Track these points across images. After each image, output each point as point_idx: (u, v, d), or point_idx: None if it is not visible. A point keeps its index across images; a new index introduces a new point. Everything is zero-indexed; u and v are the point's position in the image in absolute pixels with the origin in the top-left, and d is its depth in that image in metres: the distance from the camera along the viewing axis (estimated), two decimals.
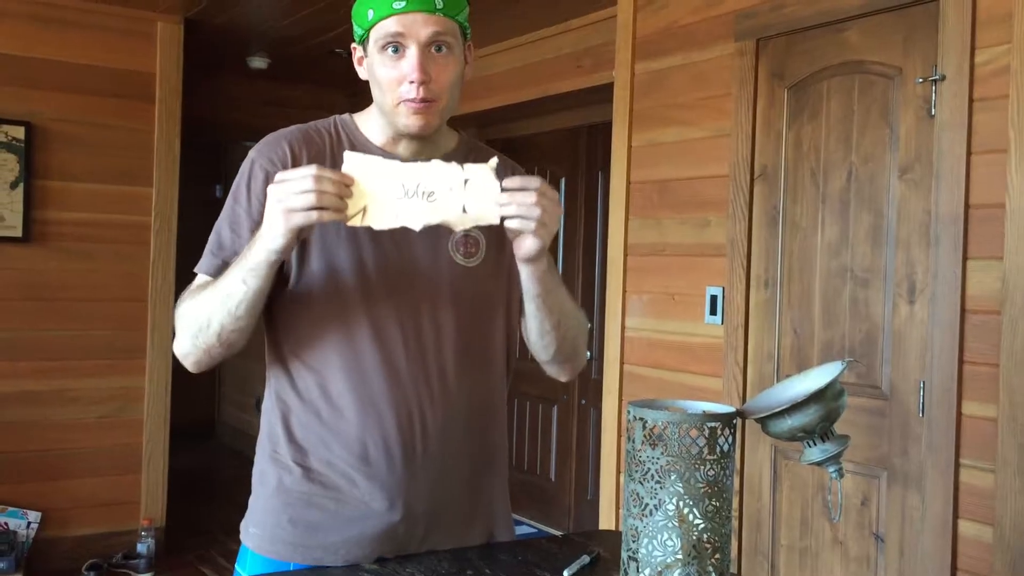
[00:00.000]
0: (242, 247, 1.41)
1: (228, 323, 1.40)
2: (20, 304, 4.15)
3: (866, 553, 2.80)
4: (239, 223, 1.47)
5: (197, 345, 1.44)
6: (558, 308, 1.51)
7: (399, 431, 1.47)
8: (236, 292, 1.37)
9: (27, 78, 4.15)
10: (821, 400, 1.28)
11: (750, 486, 3.14)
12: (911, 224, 2.71)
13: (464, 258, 1.53)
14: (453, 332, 1.50)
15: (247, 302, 1.38)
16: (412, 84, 1.41)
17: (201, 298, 1.42)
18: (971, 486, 2.53)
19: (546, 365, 1.64)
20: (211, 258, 1.48)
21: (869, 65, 2.83)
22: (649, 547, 1.25)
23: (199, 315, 1.42)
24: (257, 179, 1.47)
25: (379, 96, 1.47)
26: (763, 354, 3.12)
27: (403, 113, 1.44)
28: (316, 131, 1.53)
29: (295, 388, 1.49)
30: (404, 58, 1.42)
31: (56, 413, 4.23)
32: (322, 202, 1.27)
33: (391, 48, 1.42)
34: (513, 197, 1.33)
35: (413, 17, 1.40)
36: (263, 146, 1.51)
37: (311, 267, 1.46)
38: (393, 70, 1.42)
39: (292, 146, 1.49)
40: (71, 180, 4.25)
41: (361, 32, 1.46)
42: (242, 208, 1.47)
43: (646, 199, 3.60)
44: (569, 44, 4.28)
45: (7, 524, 4.05)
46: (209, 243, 1.49)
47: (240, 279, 1.36)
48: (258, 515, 1.52)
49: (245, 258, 1.36)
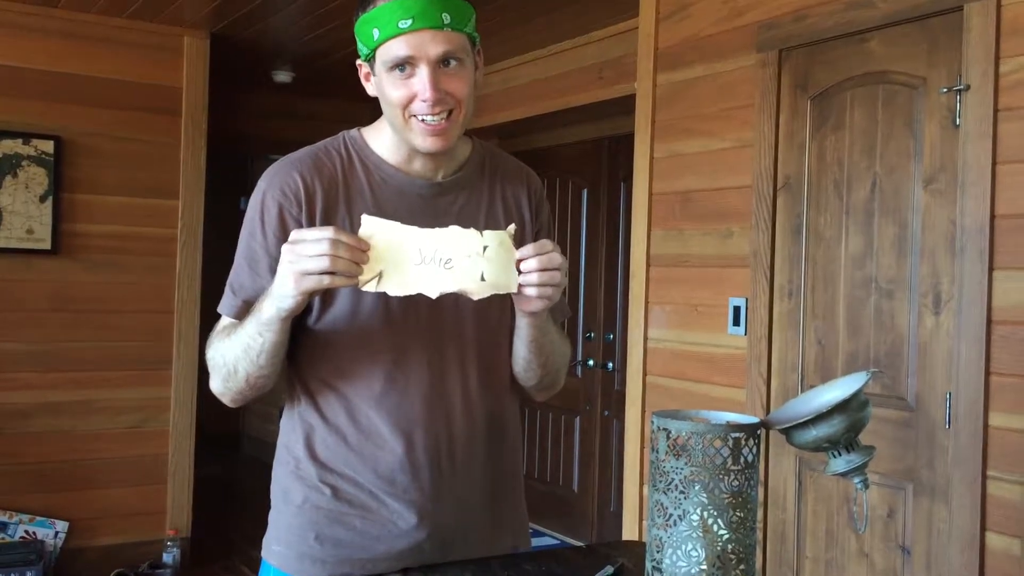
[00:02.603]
0: (261, 285, 1.41)
1: (253, 371, 1.41)
2: (49, 315, 4.20)
3: (892, 566, 2.77)
4: (256, 261, 1.45)
5: (229, 388, 1.46)
6: (548, 348, 1.52)
7: (426, 452, 1.47)
8: (254, 345, 1.38)
9: (56, 93, 4.21)
10: (846, 411, 1.28)
11: (775, 498, 3.12)
12: (936, 234, 2.69)
13: None
14: (475, 351, 1.50)
15: (266, 353, 1.38)
16: (425, 103, 1.38)
17: (226, 345, 1.43)
18: (998, 498, 2.50)
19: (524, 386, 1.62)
20: (232, 298, 1.46)
21: (892, 75, 2.82)
22: (673, 557, 1.25)
23: (226, 362, 1.43)
24: (270, 212, 1.44)
25: (391, 114, 1.43)
26: (787, 365, 3.11)
27: (418, 133, 1.41)
28: (326, 153, 1.49)
29: (318, 409, 1.49)
30: (415, 76, 1.38)
31: (83, 423, 4.28)
32: (336, 267, 1.25)
33: (399, 68, 1.38)
34: (529, 266, 1.31)
35: (421, 36, 1.35)
36: (273, 176, 1.46)
37: (338, 303, 1.45)
38: (404, 89, 1.39)
39: (304, 176, 1.44)
40: (99, 193, 4.31)
41: (367, 51, 1.42)
42: (258, 244, 1.45)
43: (668, 210, 3.60)
44: (591, 56, 4.30)
45: (35, 534, 4.09)
46: (229, 281, 1.48)
47: (256, 332, 1.37)
48: (282, 532, 1.51)
49: (260, 311, 1.35)
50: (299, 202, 1.43)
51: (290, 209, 1.43)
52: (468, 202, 1.53)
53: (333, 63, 4.99)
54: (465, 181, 1.54)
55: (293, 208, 1.43)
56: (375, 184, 1.48)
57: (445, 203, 1.51)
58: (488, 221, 1.54)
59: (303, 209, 1.43)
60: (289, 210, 1.43)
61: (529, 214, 1.60)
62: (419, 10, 1.34)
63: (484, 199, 1.55)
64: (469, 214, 1.53)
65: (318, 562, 1.47)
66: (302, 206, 1.43)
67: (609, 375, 4.76)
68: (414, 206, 1.48)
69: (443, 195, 1.52)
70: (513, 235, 1.32)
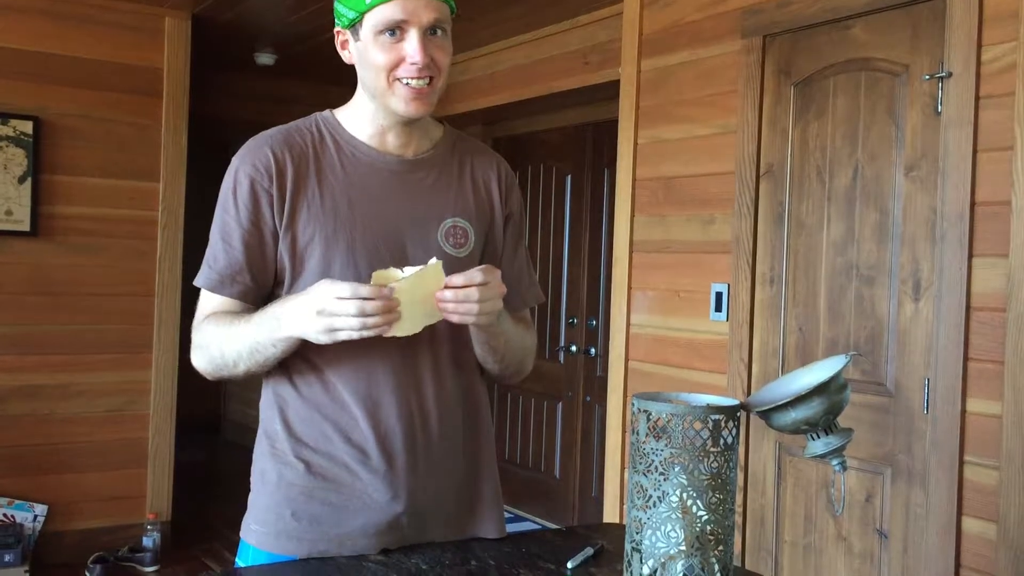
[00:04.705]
0: (236, 258, 1.47)
1: (253, 368, 1.47)
2: (27, 298, 4.16)
3: (870, 550, 2.80)
4: (230, 234, 1.49)
5: (218, 371, 1.50)
6: (503, 347, 1.56)
7: (400, 422, 1.49)
8: (266, 352, 1.43)
9: (35, 73, 4.16)
10: (825, 393, 1.29)
11: (754, 482, 3.14)
12: (917, 221, 2.71)
13: (454, 248, 1.54)
14: (445, 326, 1.49)
15: (274, 359, 1.45)
16: (413, 66, 1.43)
17: (224, 338, 1.46)
18: (975, 483, 2.53)
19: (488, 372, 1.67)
20: (208, 271, 1.50)
21: (875, 62, 2.83)
22: (652, 538, 1.26)
23: (224, 354, 1.46)
24: (242, 187, 1.48)
25: (372, 79, 1.47)
26: (768, 351, 3.13)
27: (401, 96, 1.45)
28: (298, 131, 1.53)
29: (292, 383, 1.51)
30: (404, 41, 1.43)
31: (62, 407, 4.25)
32: (366, 325, 1.32)
33: (389, 32, 1.43)
34: (445, 297, 1.37)
35: (415, 2, 1.41)
36: (245, 152, 1.51)
37: (308, 272, 1.48)
38: (391, 52, 1.43)
39: (275, 151, 1.49)
40: (79, 175, 4.27)
41: (353, 16, 1.45)
42: (231, 218, 1.49)
43: (652, 196, 3.61)
44: (575, 41, 4.28)
45: (13, 517, 4.07)
46: (205, 255, 1.52)
47: (270, 343, 1.42)
48: (260, 512, 1.52)
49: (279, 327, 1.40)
50: (270, 176, 1.47)
51: (261, 183, 1.47)
52: (438, 180, 1.57)
53: (316, 45, 4.96)
54: (436, 160, 1.57)
55: (264, 181, 1.47)
56: (346, 160, 1.52)
57: (415, 179, 1.54)
58: (457, 199, 1.57)
59: (274, 182, 1.47)
60: (261, 183, 1.47)
61: (499, 198, 1.63)
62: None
63: (454, 178, 1.58)
64: (439, 191, 1.56)
65: (294, 539, 1.48)
66: (273, 179, 1.47)
67: (592, 361, 4.76)
68: (385, 181, 1.52)
69: (414, 172, 1.55)
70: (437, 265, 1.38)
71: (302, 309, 1.36)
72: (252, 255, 1.48)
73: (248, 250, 1.48)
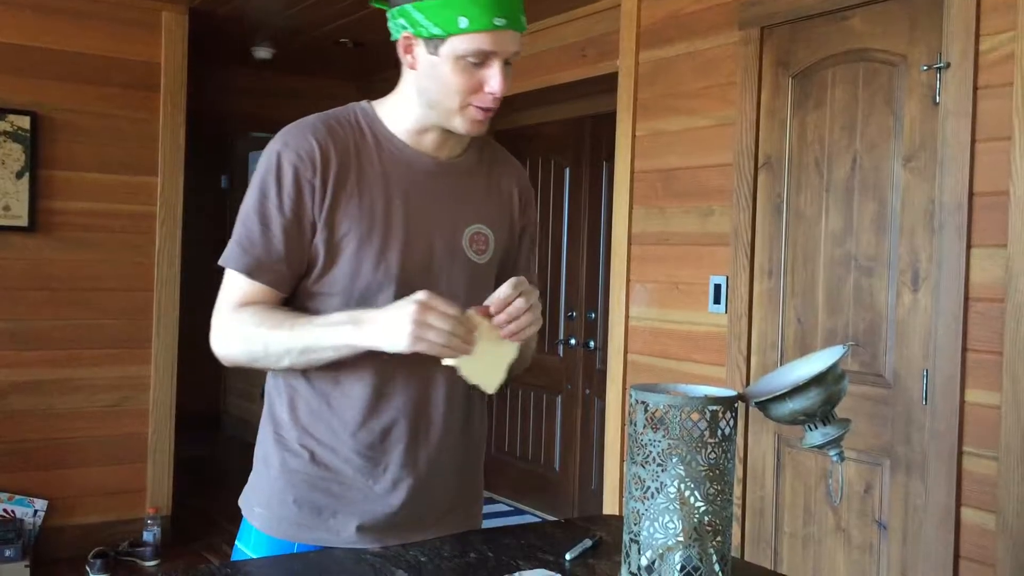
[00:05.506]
0: (275, 246, 1.44)
1: (298, 365, 1.45)
2: (26, 293, 4.16)
3: (869, 541, 2.80)
4: (270, 219, 1.45)
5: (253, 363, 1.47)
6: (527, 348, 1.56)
7: (406, 418, 1.50)
8: (322, 354, 1.42)
9: (32, 68, 4.15)
10: (822, 383, 1.29)
11: (753, 474, 3.15)
12: (915, 212, 2.70)
13: (476, 255, 1.55)
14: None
15: (327, 360, 1.43)
16: (490, 96, 1.44)
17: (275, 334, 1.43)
18: (974, 474, 2.53)
19: None
20: (242, 254, 1.45)
21: (873, 53, 2.82)
22: (651, 529, 1.26)
23: (269, 348, 1.43)
24: (286, 174, 1.45)
25: (438, 94, 1.46)
26: (767, 343, 3.13)
27: (468, 119, 1.47)
28: (338, 122, 1.51)
29: (304, 373, 1.50)
30: (486, 69, 1.44)
31: (62, 402, 4.25)
32: (451, 344, 1.35)
33: (472, 58, 1.42)
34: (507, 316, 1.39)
35: (505, 36, 1.43)
36: (288, 138, 1.47)
37: (338, 268, 1.47)
38: (471, 78, 1.43)
39: (319, 140, 1.46)
40: (77, 170, 4.26)
41: (437, 32, 1.42)
42: (272, 204, 1.45)
43: (650, 188, 3.60)
44: (573, 34, 4.27)
45: (14, 512, 4.07)
46: (237, 236, 1.47)
47: (333, 347, 1.41)
48: (264, 496, 1.53)
49: (356, 333, 1.38)
50: (314, 166, 1.45)
51: (305, 173, 1.45)
52: (467, 185, 1.58)
53: (314, 39, 4.94)
54: (465, 165, 1.59)
55: (308, 171, 1.45)
56: (384, 156, 1.51)
57: (447, 183, 1.55)
58: (482, 207, 1.59)
59: (317, 173, 1.45)
60: (304, 173, 1.45)
61: (517, 211, 1.65)
62: (511, 12, 1.42)
63: (481, 185, 1.60)
64: (466, 197, 1.57)
65: (294, 525, 1.50)
66: (317, 170, 1.45)
67: (591, 354, 4.76)
68: (420, 183, 1.52)
69: (446, 175, 1.56)
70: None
71: (395, 316, 1.35)
72: (291, 245, 1.45)
73: (288, 239, 1.45)
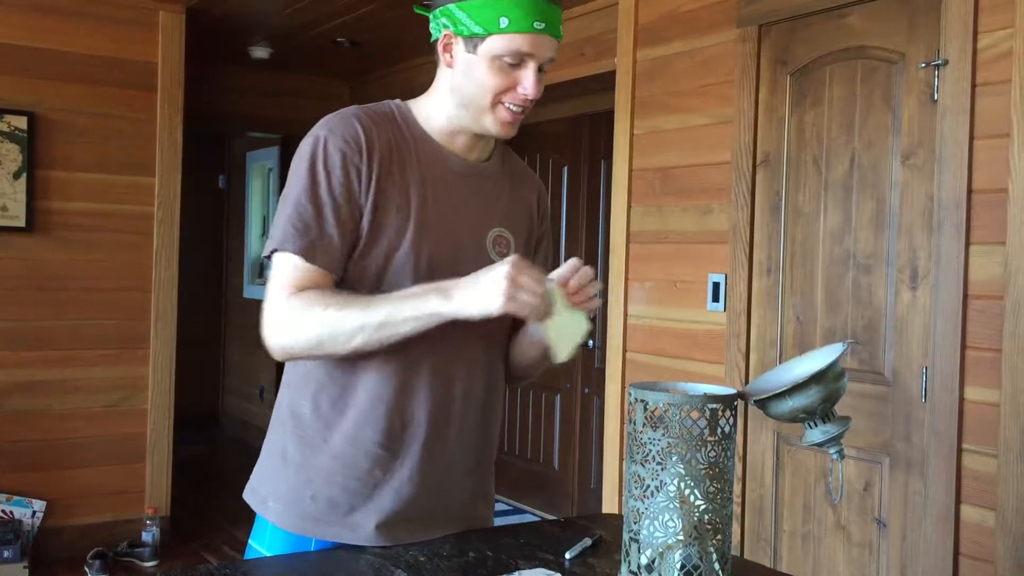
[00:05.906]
0: (328, 228, 1.43)
1: (370, 343, 1.41)
2: (24, 294, 4.15)
3: (868, 538, 2.80)
4: (322, 203, 1.44)
5: (317, 347, 1.43)
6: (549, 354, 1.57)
7: (427, 415, 1.51)
8: (401, 329, 1.39)
9: (29, 68, 4.15)
10: (822, 381, 1.29)
11: (752, 472, 3.14)
12: (914, 210, 2.70)
13: (499, 257, 1.56)
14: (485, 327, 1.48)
15: (399, 336, 1.40)
16: (524, 96, 1.47)
17: (346, 310, 1.40)
18: (973, 471, 2.53)
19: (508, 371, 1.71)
20: (299, 237, 1.43)
21: (872, 50, 2.82)
22: (650, 528, 1.26)
23: (340, 327, 1.40)
24: (333, 158, 1.44)
25: (472, 93, 1.48)
26: (766, 341, 3.12)
27: (499, 119, 1.49)
28: (377, 115, 1.52)
29: (327, 366, 1.50)
30: (521, 71, 1.46)
31: (60, 402, 4.25)
32: (539, 306, 1.36)
33: (509, 59, 1.45)
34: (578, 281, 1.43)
35: (543, 40, 1.45)
36: (332, 125, 1.47)
37: (370, 259, 1.47)
38: (506, 78, 1.46)
39: (365, 127, 1.47)
40: (74, 170, 4.25)
41: (478, 31, 1.44)
42: (323, 188, 1.44)
43: (648, 187, 3.60)
44: (571, 32, 4.26)
45: (12, 513, 4.07)
46: (289, 220, 1.44)
47: (414, 319, 1.38)
48: (280, 490, 1.52)
49: (445, 300, 1.37)
50: (361, 151, 1.45)
51: (352, 158, 1.45)
52: (493, 188, 1.61)
53: (311, 38, 4.94)
54: (492, 168, 1.61)
55: (355, 157, 1.45)
56: (420, 151, 1.53)
57: (476, 184, 1.58)
58: (505, 210, 1.61)
59: (363, 159, 1.46)
60: (352, 158, 1.45)
61: (536, 219, 1.68)
62: (550, 17, 1.45)
63: (504, 190, 1.63)
64: (492, 199, 1.60)
65: (311, 520, 1.49)
66: (363, 155, 1.46)
67: (590, 353, 4.76)
68: (451, 182, 1.54)
69: (475, 177, 1.58)
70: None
71: (488, 278, 1.35)
72: (343, 228, 1.44)
73: (339, 223, 1.44)
